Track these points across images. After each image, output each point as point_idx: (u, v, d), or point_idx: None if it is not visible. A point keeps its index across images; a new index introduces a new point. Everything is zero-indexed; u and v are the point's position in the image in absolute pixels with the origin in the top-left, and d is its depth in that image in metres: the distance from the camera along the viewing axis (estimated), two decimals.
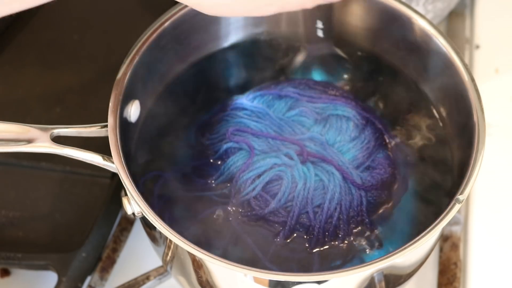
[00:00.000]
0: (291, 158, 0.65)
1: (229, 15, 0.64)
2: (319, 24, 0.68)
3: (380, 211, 0.65)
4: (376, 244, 0.64)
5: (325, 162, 0.65)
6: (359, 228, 0.64)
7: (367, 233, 0.64)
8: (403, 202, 0.66)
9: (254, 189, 0.64)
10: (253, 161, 0.65)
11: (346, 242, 0.63)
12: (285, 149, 0.66)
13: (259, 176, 0.64)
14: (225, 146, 0.66)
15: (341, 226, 0.63)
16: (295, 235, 0.63)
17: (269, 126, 0.67)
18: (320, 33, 0.69)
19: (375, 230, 0.64)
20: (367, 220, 0.64)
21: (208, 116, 0.69)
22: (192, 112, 0.70)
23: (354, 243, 0.63)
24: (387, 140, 0.68)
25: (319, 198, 0.64)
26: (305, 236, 0.63)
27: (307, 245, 0.63)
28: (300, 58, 0.72)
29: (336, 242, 0.63)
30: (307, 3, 0.61)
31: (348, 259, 0.63)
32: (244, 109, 0.68)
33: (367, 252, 0.63)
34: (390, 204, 0.66)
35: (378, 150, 0.67)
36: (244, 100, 0.69)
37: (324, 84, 0.71)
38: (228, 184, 0.65)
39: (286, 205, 0.64)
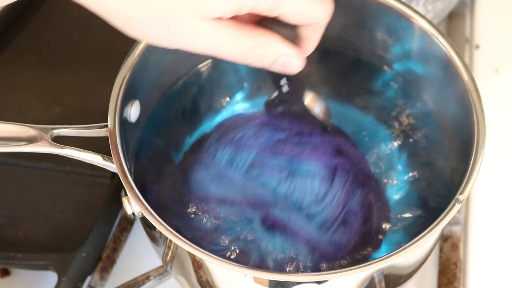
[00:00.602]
0: (256, 228, 0.64)
1: (150, 38, 0.51)
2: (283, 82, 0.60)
3: (364, 252, 0.64)
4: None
5: (292, 234, 0.63)
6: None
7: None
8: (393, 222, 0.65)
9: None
10: (219, 231, 0.64)
11: None
12: (250, 215, 0.64)
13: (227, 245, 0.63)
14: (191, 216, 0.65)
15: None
16: None
17: (231, 188, 0.64)
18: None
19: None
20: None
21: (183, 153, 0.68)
22: (192, 112, 0.70)
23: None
24: (361, 179, 0.65)
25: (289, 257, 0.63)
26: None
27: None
28: None
29: None
30: (253, 60, 0.50)
31: None
32: (207, 167, 0.65)
33: None
34: (369, 249, 0.64)
35: (350, 199, 0.64)
36: (207, 158, 0.66)
37: (291, 120, 0.66)
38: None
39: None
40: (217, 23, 0.48)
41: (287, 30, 0.52)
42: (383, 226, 0.65)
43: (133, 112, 0.65)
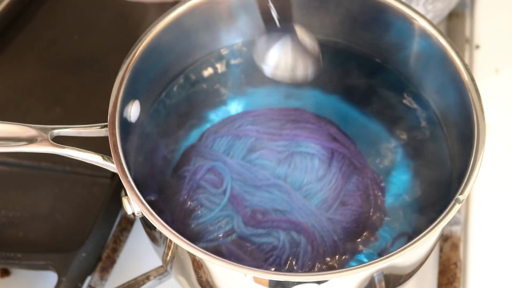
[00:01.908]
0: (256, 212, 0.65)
1: None
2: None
3: (360, 240, 0.65)
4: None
5: (291, 224, 0.64)
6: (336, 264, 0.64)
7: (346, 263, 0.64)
8: (391, 215, 0.66)
9: (222, 243, 0.64)
10: (219, 218, 0.65)
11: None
12: (249, 199, 0.65)
13: (227, 234, 0.64)
14: (188, 207, 0.66)
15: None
16: None
17: (230, 175, 0.66)
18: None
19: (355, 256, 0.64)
20: (344, 261, 0.63)
21: (171, 170, 0.68)
22: (192, 112, 0.70)
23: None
24: (357, 166, 0.67)
25: (291, 253, 0.63)
26: None
27: None
28: None
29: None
30: None
31: None
32: (204, 158, 0.67)
33: None
34: (368, 231, 0.65)
35: (347, 182, 0.66)
36: (203, 147, 0.68)
37: (286, 112, 0.69)
38: (197, 239, 0.65)
39: (259, 262, 0.63)
40: None
41: None
42: (380, 215, 0.66)
43: (133, 112, 0.65)
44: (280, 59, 0.63)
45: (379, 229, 0.65)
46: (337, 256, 0.64)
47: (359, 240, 0.65)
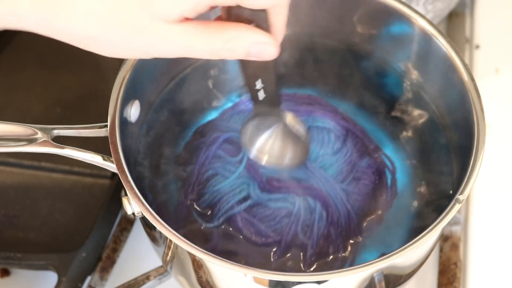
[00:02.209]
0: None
1: (122, 53, 0.51)
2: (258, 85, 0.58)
3: (370, 219, 0.65)
4: (368, 250, 0.64)
5: (307, 189, 0.65)
6: (350, 241, 0.64)
7: (359, 241, 0.64)
8: (395, 207, 0.66)
9: (237, 211, 0.64)
10: (234, 186, 0.65)
11: (338, 256, 0.64)
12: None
13: (243, 200, 0.64)
14: (204, 176, 0.66)
15: (332, 244, 0.63)
16: (288, 255, 0.63)
17: (244, 152, 0.66)
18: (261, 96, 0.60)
19: (366, 239, 0.64)
20: (357, 232, 0.64)
21: (184, 144, 0.69)
22: (192, 112, 0.70)
23: (346, 255, 0.64)
24: (370, 147, 0.68)
25: (306, 219, 0.64)
26: (300, 255, 0.63)
27: (301, 265, 0.63)
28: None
29: (329, 258, 0.63)
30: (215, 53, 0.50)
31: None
32: (220, 131, 0.67)
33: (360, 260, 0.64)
34: (379, 212, 0.66)
35: (360, 159, 0.67)
36: (220, 121, 0.68)
37: (300, 96, 0.70)
38: (212, 211, 0.65)
39: (275, 227, 0.64)
40: (183, 25, 0.48)
41: (260, 19, 0.51)
42: (391, 197, 0.66)
43: (133, 112, 0.65)
44: (268, 148, 0.63)
45: (389, 210, 0.65)
46: (351, 226, 0.64)
47: (372, 216, 0.65)
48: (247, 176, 0.65)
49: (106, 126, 0.60)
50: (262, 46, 0.50)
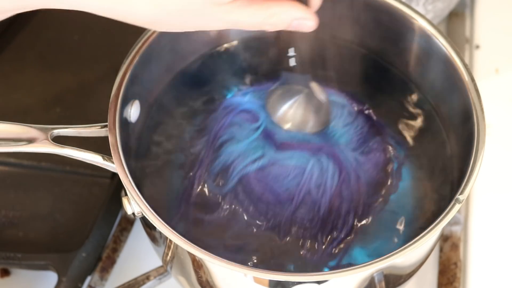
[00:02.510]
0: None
1: (176, 30, 0.56)
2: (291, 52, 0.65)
3: (377, 195, 0.65)
4: (372, 232, 0.64)
5: (320, 149, 0.66)
6: (360, 211, 0.64)
7: (364, 221, 0.64)
8: (400, 191, 0.66)
9: (251, 170, 0.65)
10: (249, 148, 0.66)
11: (346, 229, 0.64)
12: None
13: (257, 159, 0.65)
14: (219, 141, 0.66)
15: (344, 205, 0.64)
16: (297, 220, 0.64)
17: (263, 120, 0.67)
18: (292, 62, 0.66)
19: (370, 218, 0.64)
20: (365, 202, 0.65)
21: (198, 121, 0.69)
22: (192, 112, 0.70)
23: (353, 232, 0.64)
24: (380, 130, 0.69)
25: (319, 177, 0.64)
26: (311, 216, 0.64)
27: (310, 230, 0.64)
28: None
29: (337, 231, 0.64)
30: (266, 26, 0.56)
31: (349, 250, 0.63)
32: (237, 105, 0.69)
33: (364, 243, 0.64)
34: (385, 189, 0.66)
35: (371, 137, 0.68)
36: (235, 98, 0.70)
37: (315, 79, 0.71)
38: (226, 173, 0.65)
39: (288, 186, 0.64)
40: (231, 5, 0.53)
41: None
42: (397, 180, 0.67)
43: (133, 112, 0.65)
44: (291, 115, 0.66)
45: (394, 192, 0.66)
46: (360, 192, 0.64)
47: (382, 192, 0.66)
48: (262, 140, 0.66)
49: (106, 126, 0.60)
50: (302, 21, 0.55)
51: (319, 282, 0.56)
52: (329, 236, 0.64)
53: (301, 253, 0.63)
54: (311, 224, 0.64)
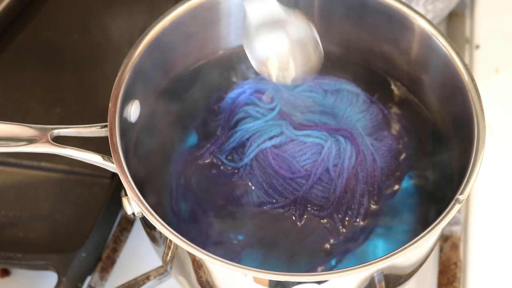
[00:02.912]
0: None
1: None
2: None
3: (389, 183, 0.66)
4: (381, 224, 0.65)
5: (338, 130, 0.65)
6: (372, 197, 0.65)
7: (375, 209, 0.65)
8: (404, 189, 0.67)
9: (269, 145, 0.64)
10: (266, 126, 0.65)
11: (360, 215, 0.64)
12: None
13: (274, 137, 0.65)
14: (235, 118, 0.66)
15: (359, 186, 0.64)
16: (312, 200, 0.64)
17: (278, 101, 0.67)
18: None
19: (381, 205, 0.65)
20: (379, 187, 0.65)
21: (200, 118, 0.69)
22: (192, 112, 0.70)
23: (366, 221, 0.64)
24: (391, 122, 0.69)
25: (336, 157, 0.64)
26: (328, 194, 0.64)
27: (325, 210, 0.64)
28: None
29: (355, 205, 0.64)
30: None
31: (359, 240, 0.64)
32: (251, 88, 0.68)
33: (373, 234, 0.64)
34: (398, 175, 0.66)
35: (384, 127, 0.68)
36: (248, 81, 0.69)
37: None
38: (242, 149, 0.65)
39: (305, 163, 0.64)
40: None
41: None
42: (406, 166, 0.67)
43: (133, 112, 0.65)
44: (272, 55, 0.61)
45: (403, 177, 0.66)
46: (375, 175, 0.65)
47: (392, 178, 0.66)
48: (279, 119, 0.66)
49: (106, 126, 0.60)
50: None
51: (319, 282, 0.56)
52: (346, 218, 0.64)
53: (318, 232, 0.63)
54: (327, 203, 0.64)
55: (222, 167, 0.66)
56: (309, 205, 0.64)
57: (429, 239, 0.57)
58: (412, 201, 0.66)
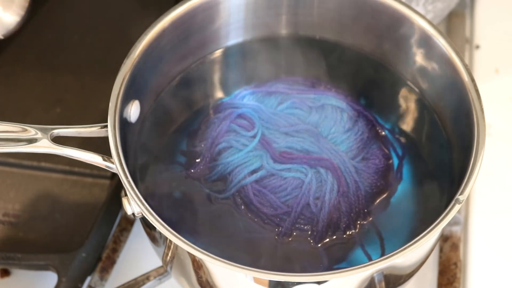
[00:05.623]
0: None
1: None
2: None
3: (378, 200, 0.66)
4: (375, 234, 0.64)
5: (319, 161, 0.65)
6: (359, 219, 0.64)
7: (366, 223, 0.64)
8: (399, 193, 0.66)
9: (249, 181, 0.64)
10: (247, 158, 0.66)
11: (348, 233, 0.64)
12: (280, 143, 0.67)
13: (255, 170, 0.65)
14: (217, 148, 0.66)
15: (342, 217, 0.64)
16: (297, 228, 0.64)
17: (261, 122, 0.67)
18: None
19: (373, 221, 0.65)
20: (365, 210, 0.65)
21: (197, 122, 0.69)
22: (191, 112, 0.70)
23: (355, 234, 0.64)
24: (380, 132, 0.69)
25: (317, 190, 0.64)
26: (308, 231, 0.64)
27: (311, 241, 0.63)
28: None
29: (338, 235, 0.64)
30: None
31: (350, 252, 0.63)
32: (234, 107, 0.68)
33: (367, 244, 0.64)
34: (386, 194, 0.66)
35: (371, 141, 0.68)
36: (233, 100, 0.70)
37: (314, 81, 0.71)
38: (224, 181, 0.66)
39: (286, 198, 0.64)
40: None
41: None
42: (397, 181, 0.67)
43: (133, 112, 0.65)
44: None
45: (394, 194, 0.66)
46: (359, 202, 0.64)
47: (380, 197, 0.66)
48: (260, 149, 0.66)
49: (106, 126, 0.60)
50: None
51: (319, 283, 0.56)
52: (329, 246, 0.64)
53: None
54: (311, 235, 0.64)
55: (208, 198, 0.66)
56: (293, 235, 0.64)
57: (429, 239, 0.57)
58: (409, 205, 0.66)
